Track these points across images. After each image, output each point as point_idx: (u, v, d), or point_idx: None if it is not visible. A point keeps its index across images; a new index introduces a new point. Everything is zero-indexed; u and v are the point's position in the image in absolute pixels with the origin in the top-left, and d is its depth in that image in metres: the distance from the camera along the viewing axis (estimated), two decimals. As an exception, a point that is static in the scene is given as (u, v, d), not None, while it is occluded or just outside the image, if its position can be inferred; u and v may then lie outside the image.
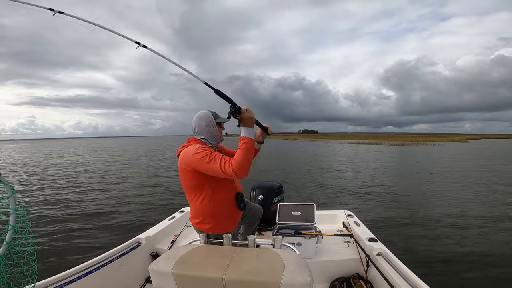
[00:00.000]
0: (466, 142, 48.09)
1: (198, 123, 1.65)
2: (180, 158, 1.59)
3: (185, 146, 1.62)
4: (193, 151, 1.50)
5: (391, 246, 2.03)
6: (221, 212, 1.60)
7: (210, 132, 1.66)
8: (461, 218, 5.13)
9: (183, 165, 1.55)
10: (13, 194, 1.07)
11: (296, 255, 1.08)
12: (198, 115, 1.67)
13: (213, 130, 1.67)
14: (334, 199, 6.76)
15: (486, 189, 7.91)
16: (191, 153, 1.50)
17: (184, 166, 1.54)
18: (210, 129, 1.66)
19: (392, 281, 1.62)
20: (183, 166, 1.56)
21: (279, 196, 2.89)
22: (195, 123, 1.66)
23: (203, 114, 1.68)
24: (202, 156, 1.46)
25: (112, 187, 8.89)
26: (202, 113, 1.68)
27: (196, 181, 1.55)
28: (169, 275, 0.97)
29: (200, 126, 1.64)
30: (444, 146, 34.88)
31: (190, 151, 1.52)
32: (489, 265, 3.32)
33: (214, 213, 1.58)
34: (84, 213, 5.82)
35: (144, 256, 2.19)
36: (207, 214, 1.59)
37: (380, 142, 42.16)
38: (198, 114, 1.68)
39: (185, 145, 1.62)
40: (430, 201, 6.55)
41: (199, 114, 1.68)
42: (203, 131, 1.64)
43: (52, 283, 1.47)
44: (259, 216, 2.14)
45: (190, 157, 1.49)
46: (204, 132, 1.65)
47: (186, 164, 1.52)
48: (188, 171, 1.53)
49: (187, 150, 1.55)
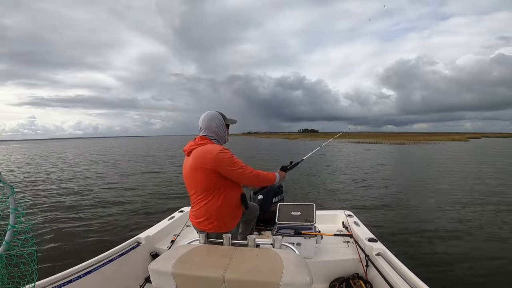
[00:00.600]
0: (467, 141, 48.01)
1: (208, 123, 1.65)
2: (196, 156, 1.54)
3: (199, 144, 1.59)
4: (218, 150, 1.50)
5: (390, 246, 2.03)
6: (226, 212, 1.59)
7: (219, 133, 1.67)
8: (461, 218, 5.13)
9: (202, 164, 1.51)
10: (12, 193, 1.07)
11: (295, 255, 1.08)
12: (207, 115, 1.67)
13: (222, 131, 1.70)
14: (333, 199, 6.76)
15: (487, 188, 7.91)
16: (215, 152, 1.49)
17: (203, 165, 1.50)
18: (220, 130, 1.68)
19: (391, 281, 1.62)
20: (201, 165, 1.51)
21: (279, 196, 2.90)
22: (204, 123, 1.66)
23: (214, 115, 1.68)
24: (230, 160, 1.51)
25: (112, 187, 8.87)
26: (212, 114, 1.68)
27: (212, 181, 1.53)
28: (168, 275, 0.97)
29: (211, 126, 1.65)
30: (445, 145, 34.83)
31: (213, 150, 1.50)
32: (489, 264, 3.32)
33: (219, 213, 1.57)
34: (83, 213, 5.81)
35: (144, 255, 2.19)
36: (212, 214, 1.57)
37: (381, 141, 42.04)
38: (207, 114, 1.68)
39: (200, 143, 1.60)
40: (430, 200, 6.55)
41: (208, 114, 1.67)
42: (212, 132, 1.65)
43: (51, 283, 1.47)
44: (256, 214, 2.14)
45: (214, 157, 1.48)
46: (213, 132, 1.65)
47: (207, 163, 1.49)
48: (208, 170, 1.49)
49: (209, 150, 1.53)
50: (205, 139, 1.62)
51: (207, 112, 1.70)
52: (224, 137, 1.72)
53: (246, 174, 1.56)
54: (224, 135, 1.71)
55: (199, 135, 1.67)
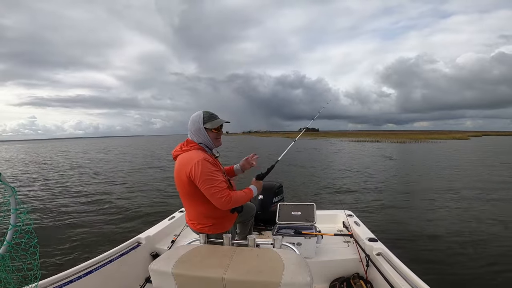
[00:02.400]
0: (468, 139, 47.88)
1: (189, 126, 1.53)
2: (180, 163, 1.45)
3: (184, 150, 1.49)
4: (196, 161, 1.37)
5: (391, 246, 2.03)
6: (218, 214, 1.55)
7: (200, 138, 1.52)
8: (461, 218, 5.12)
9: (182, 173, 1.41)
10: (13, 193, 1.07)
11: (296, 255, 1.08)
12: (191, 118, 1.54)
13: (202, 136, 1.52)
14: (334, 199, 6.76)
15: (488, 186, 7.89)
16: (193, 162, 1.37)
17: (184, 173, 1.40)
18: (199, 135, 1.51)
19: (392, 281, 1.62)
20: (182, 174, 1.42)
21: (279, 196, 2.90)
22: (189, 126, 1.54)
23: (193, 117, 1.53)
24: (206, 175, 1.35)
25: (112, 187, 8.89)
26: (193, 116, 1.54)
27: (194, 190, 1.44)
28: (169, 275, 0.97)
29: (191, 130, 1.53)
30: (446, 143, 34.77)
31: (192, 160, 1.38)
32: (489, 264, 3.31)
33: (211, 216, 1.53)
34: (84, 213, 5.82)
35: (144, 256, 2.19)
36: (204, 217, 1.54)
37: (381, 140, 41.92)
38: (192, 115, 1.55)
39: (185, 149, 1.49)
40: (431, 200, 6.53)
41: (191, 117, 1.54)
42: (194, 136, 1.53)
43: (52, 283, 1.47)
44: (252, 214, 2.13)
45: (191, 168, 1.37)
46: (195, 137, 1.53)
47: (187, 172, 1.39)
48: (189, 178, 1.40)
49: (190, 157, 1.42)
50: (190, 143, 1.51)
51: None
52: (207, 141, 1.53)
53: (217, 198, 1.37)
54: (205, 140, 1.52)
55: (187, 138, 1.57)
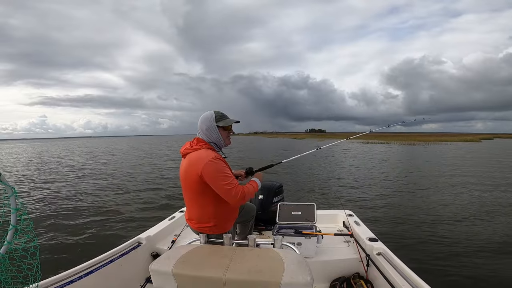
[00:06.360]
0: (479, 142, 46.83)
1: (200, 125, 1.58)
2: (190, 161, 1.49)
3: (195, 148, 1.52)
4: (208, 159, 1.41)
5: (391, 246, 2.03)
6: (220, 214, 1.56)
7: (211, 137, 1.57)
8: (462, 218, 5.12)
9: (194, 170, 1.44)
10: (13, 193, 1.08)
11: (296, 254, 1.08)
12: (201, 117, 1.60)
13: (214, 134, 1.57)
14: (334, 198, 6.75)
15: (492, 189, 7.84)
16: (205, 160, 1.41)
17: (195, 172, 1.43)
18: (211, 133, 1.57)
19: (392, 281, 1.62)
20: (193, 171, 1.45)
21: (279, 196, 2.89)
22: (199, 125, 1.58)
23: (204, 116, 1.59)
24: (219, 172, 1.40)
25: (112, 187, 8.88)
26: (204, 115, 1.59)
27: (202, 189, 1.46)
28: (169, 275, 0.97)
29: (202, 129, 1.57)
30: (457, 146, 34.26)
31: (204, 158, 1.42)
32: (490, 265, 3.31)
33: (213, 215, 1.54)
34: (84, 213, 5.82)
35: (145, 256, 2.19)
36: (206, 217, 1.55)
37: (390, 142, 40.83)
38: (202, 115, 1.60)
39: (195, 148, 1.52)
40: (431, 200, 6.54)
41: (202, 116, 1.60)
42: (204, 135, 1.57)
43: (53, 283, 1.47)
44: (253, 214, 2.13)
45: (203, 166, 1.40)
46: (205, 135, 1.57)
47: (198, 170, 1.42)
48: (199, 177, 1.42)
49: (201, 156, 1.45)
50: (201, 142, 1.55)
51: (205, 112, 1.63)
52: (219, 140, 1.59)
53: (233, 195, 1.41)
54: (217, 138, 1.58)
55: (196, 137, 1.60)
